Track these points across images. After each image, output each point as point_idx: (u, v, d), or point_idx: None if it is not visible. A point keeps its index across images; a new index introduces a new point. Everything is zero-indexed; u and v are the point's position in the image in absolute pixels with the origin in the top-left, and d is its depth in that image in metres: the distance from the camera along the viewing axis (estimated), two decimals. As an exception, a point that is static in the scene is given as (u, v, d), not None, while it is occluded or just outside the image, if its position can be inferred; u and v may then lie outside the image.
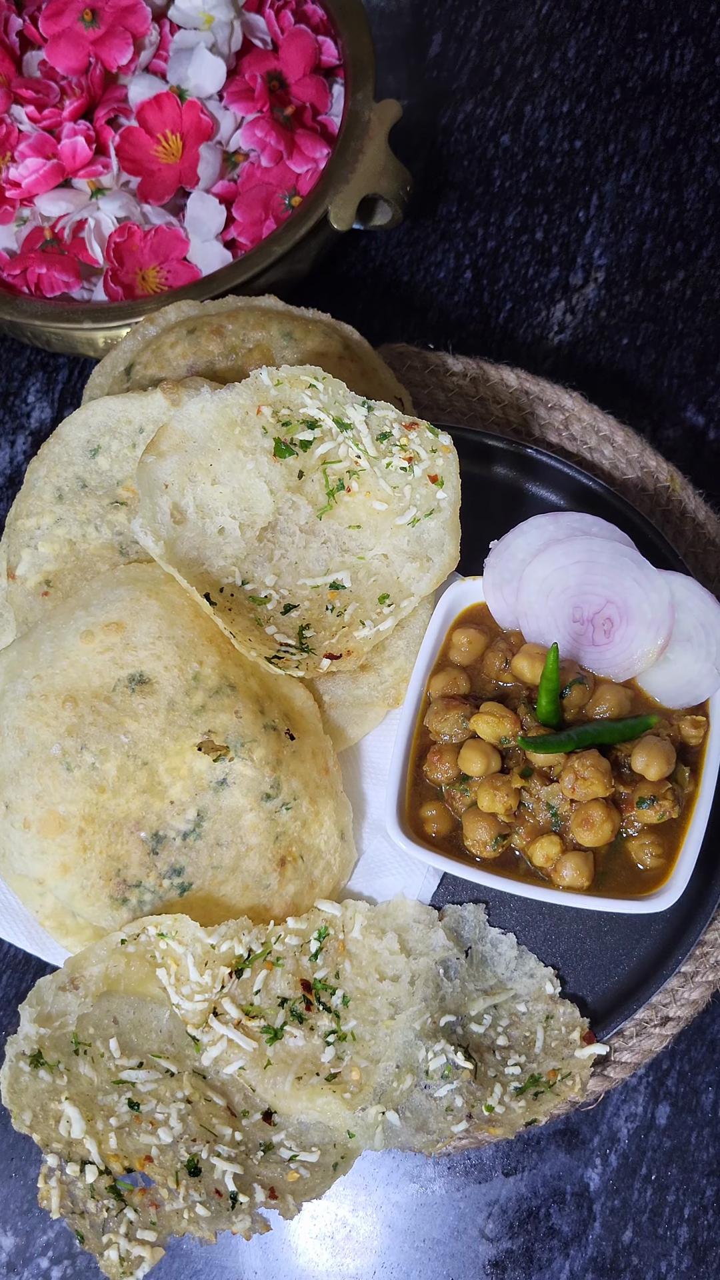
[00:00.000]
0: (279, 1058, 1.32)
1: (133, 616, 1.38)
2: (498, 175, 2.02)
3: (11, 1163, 1.53)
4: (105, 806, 1.34)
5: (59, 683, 1.36)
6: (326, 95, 1.86)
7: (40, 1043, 1.29)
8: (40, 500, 1.49)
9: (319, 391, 1.43)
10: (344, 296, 1.94)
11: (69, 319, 1.71)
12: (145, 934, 1.33)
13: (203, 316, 1.60)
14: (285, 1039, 1.32)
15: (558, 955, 1.45)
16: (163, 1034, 1.33)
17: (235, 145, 1.83)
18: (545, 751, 1.34)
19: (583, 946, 1.45)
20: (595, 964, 1.45)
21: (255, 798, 1.37)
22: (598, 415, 1.71)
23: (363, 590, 1.45)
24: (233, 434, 1.42)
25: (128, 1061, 1.30)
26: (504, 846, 1.39)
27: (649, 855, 1.37)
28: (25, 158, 1.79)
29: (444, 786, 1.42)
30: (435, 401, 1.75)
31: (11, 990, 1.60)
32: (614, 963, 1.44)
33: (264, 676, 1.43)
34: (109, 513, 1.48)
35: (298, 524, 1.46)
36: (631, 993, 1.42)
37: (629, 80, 2.07)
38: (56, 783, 1.34)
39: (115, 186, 1.81)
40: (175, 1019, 1.33)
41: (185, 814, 1.36)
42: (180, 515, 1.41)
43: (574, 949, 1.45)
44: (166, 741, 1.35)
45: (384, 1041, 1.33)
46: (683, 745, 1.41)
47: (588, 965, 1.44)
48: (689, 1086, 1.53)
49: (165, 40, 1.86)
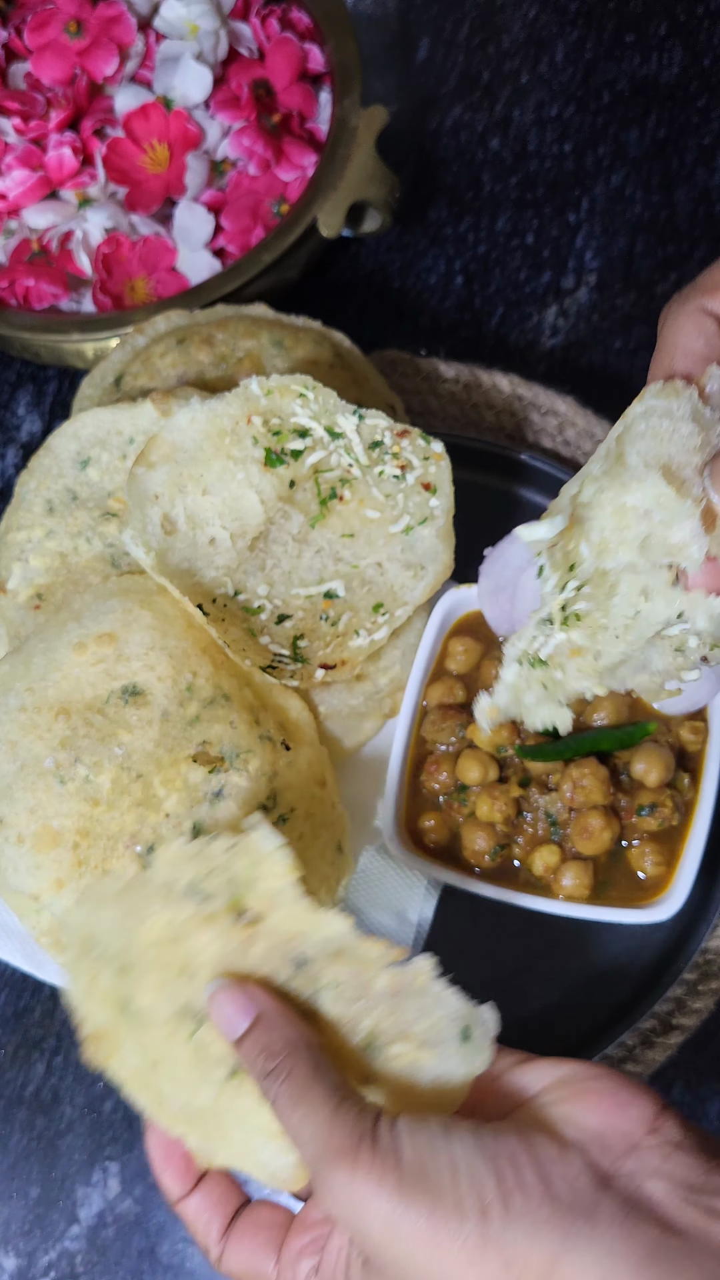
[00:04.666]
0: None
1: (125, 628, 1.37)
2: (487, 179, 2.01)
3: (13, 1183, 1.52)
4: (99, 820, 1.33)
5: (51, 695, 1.35)
6: (313, 102, 1.85)
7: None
8: (30, 513, 1.48)
9: (310, 401, 1.42)
10: (334, 304, 1.93)
11: (57, 331, 1.70)
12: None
13: (192, 326, 1.60)
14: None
15: (559, 966, 1.44)
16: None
17: (222, 154, 1.83)
18: (543, 760, 1.33)
19: (584, 956, 1.44)
20: (597, 974, 1.43)
21: (251, 809, 1.36)
22: (592, 420, 1.70)
23: (357, 599, 1.44)
24: (223, 444, 1.41)
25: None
26: (503, 856, 1.38)
27: (650, 863, 1.36)
28: (11, 169, 1.78)
29: (441, 796, 1.41)
30: (428, 408, 1.74)
31: (9, 1008, 1.58)
32: (616, 972, 1.43)
33: (258, 687, 1.42)
34: (100, 524, 1.47)
35: (290, 533, 1.45)
36: (635, 1002, 1.41)
37: (618, 83, 2.06)
38: (50, 796, 1.33)
39: (102, 197, 1.80)
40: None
41: (181, 827, 1.35)
42: (171, 526, 1.41)
43: (575, 959, 1.44)
44: (160, 753, 1.34)
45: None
46: (682, 751, 1.40)
47: (589, 975, 1.43)
48: (694, 1096, 1.51)
49: (151, 50, 1.85)
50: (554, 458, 1.70)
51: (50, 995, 1.59)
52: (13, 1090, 1.56)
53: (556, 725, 1.18)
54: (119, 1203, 1.52)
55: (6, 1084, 1.56)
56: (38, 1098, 1.55)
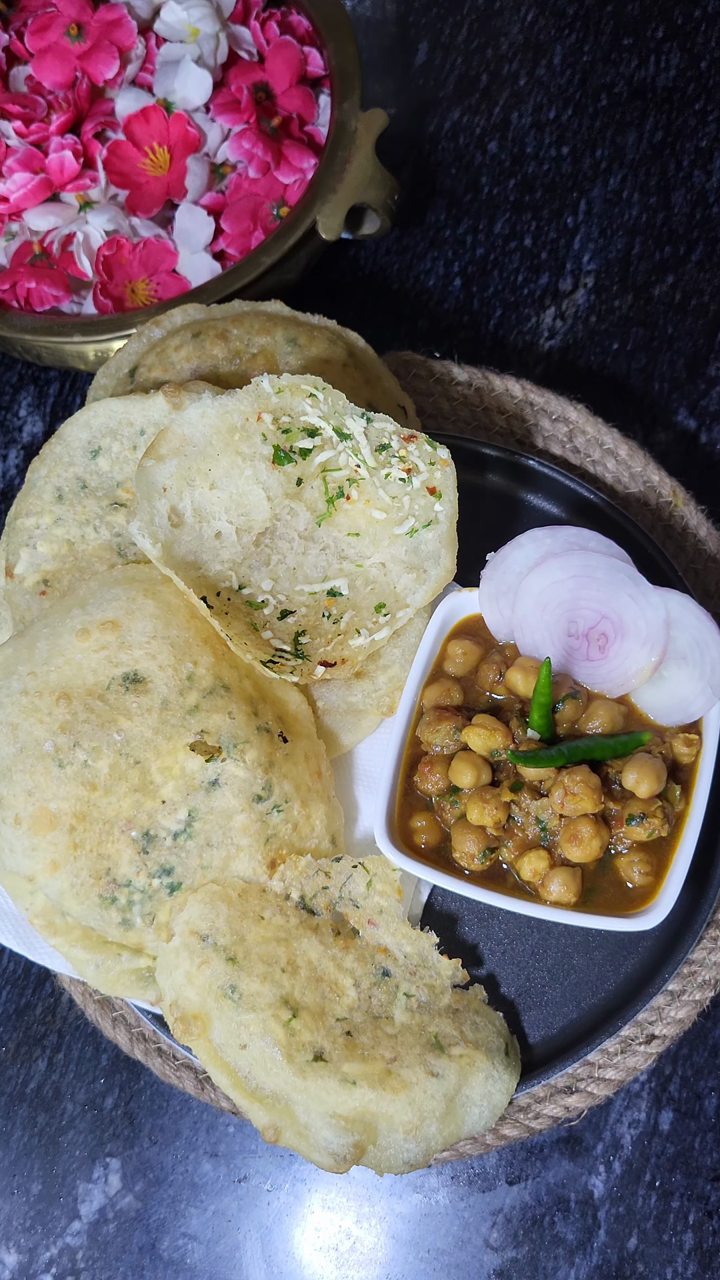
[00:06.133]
0: None
1: (128, 615, 1.38)
2: (485, 182, 2.02)
3: (14, 1179, 1.53)
4: (97, 804, 1.34)
5: (53, 680, 1.36)
6: (313, 105, 1.86)
7: None
8: (40, 500, 1.49)
9: (319, 401, 1.43)
10: (333, 306, 1.94)
11: (59, 333, 1.71)
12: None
13: (208, 320, 1.60)
14: None
15: (544, 970, 1.44)
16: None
17: (223, 157, 1.83)
18: (536, 766, 1.34)
19: (569, 962, 1.44)
20: (582, 979, 1.44)
21: (247, 799, 1.37)
22: (602, 428, 1.70)
23: (360, 598, 1.45)
24: (232, 439, 1.42)
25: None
26: (492, 859, 1.38)
27: (638, 872, 1.36)
28: (13, 172, 1.79)
29: (434, 798, 1.41)
30: (439, 410, 1.75)
31: (11, 1005, 1.60)
32: (600, 979, 1.44)
33: (258, 679, 1.43)
34: (108, 514, 1.49)
35: (296, 530, 1.46)
36: (617, 1009, 1.41)
37: (615, 86, 2.07)
38: (48, 779, 1.34)
39: (103, 200, 1.81)
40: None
41: (176, 814, 1.36)
42: (178, 518, 1.42)
43: (561, 964, 1.44)
44: (159, 741, 1.35)
45: None
46: (674, 763, 1.40)
47: (574, 981, 1.44)
48: (691, 1092, 1.53)
49: (151, 53, 1.86)
50: (563, 465, 1.70)
51: (52, 993, 1.60)
52: (14, 1087, 1.57)
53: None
54: (120, 1199, 1.53)
55: (8, 1081, 1.57)
56: (39, 1094, 1.56)
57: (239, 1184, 1.53)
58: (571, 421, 1.71)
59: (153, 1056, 1.49)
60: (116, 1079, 1.57)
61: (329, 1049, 1.28)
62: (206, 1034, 1.29)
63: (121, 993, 1.36)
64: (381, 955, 1.36)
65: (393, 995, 1.34)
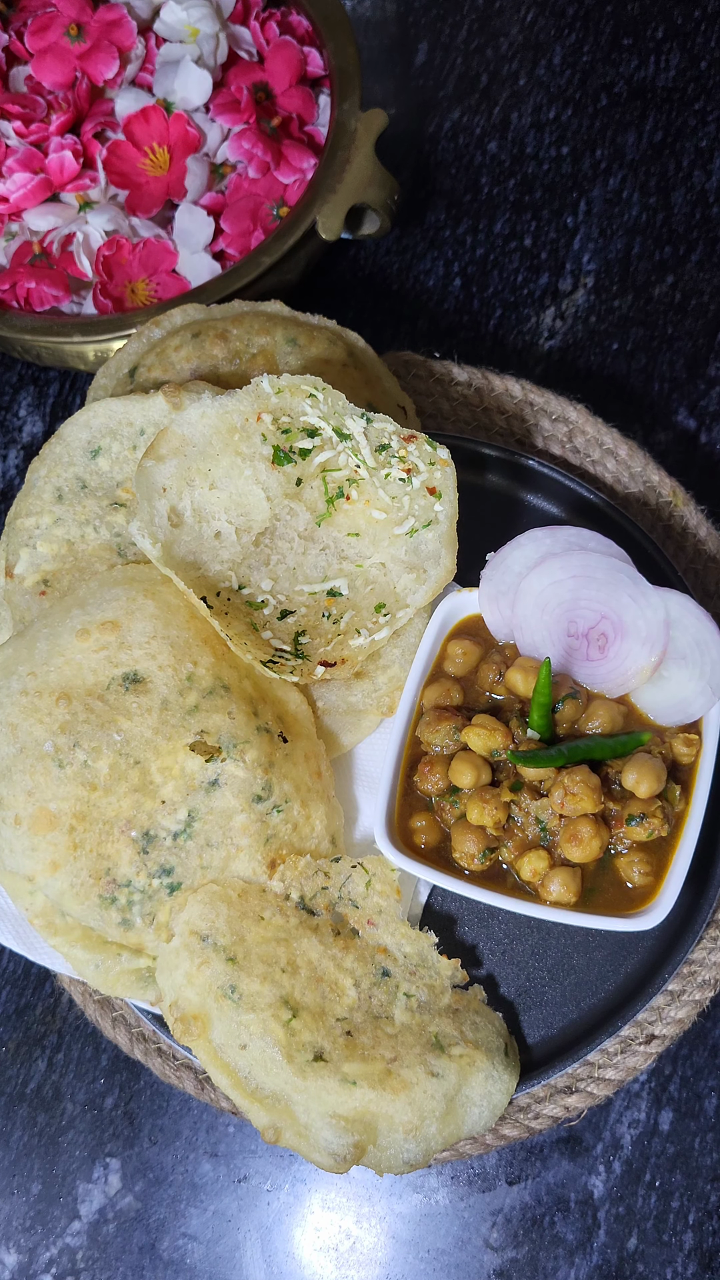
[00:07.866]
0: None
1: (128, 616, 1.38)
2: (485, 182, 2.02)
3: (14, 1179, 1.53)
4: (96, 804, 1.34)
5: (53, 680, 1.36)
6: (313, 105, 1.86)
7: None
8: (40, 500, 1.49)
9: (319, 401, 1.43)
10: (334, 306, 1.94)
11: (59, 333, 1.71)
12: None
13: (208, 320, 1.60)
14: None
15: (544, 970, 1.44)
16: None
17: (222, 157, 1.83)
18: (536, 766, 1.34)
19: (569, 962, 1.44)
20: (581, 979, 1.44)
21: (246, 799, 1.37)
22: (601, 428, 1.70)
23: (360, 598, 1.45)
24: (232, 440, 1.42)
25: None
26: (492, 860, 1.38)
27: (637, 873, 1.36)
28: (13, 173, 1.79)
29: (434, 798, 1.41)
30: (439, 411, 1.75)
31: (11, 1005, 1.60)
32: (600, 979, 1.44)
33: (258, 679, 1.43)
34: (108, 514, 1.49)
35: (296, 530, 1.46)
36: (617, 1009, 1.41)
37: (615, 86, 2.07)
38: (48, 779, 1.34)
39: (103, 200, 1.81)
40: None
41: (176, 814, 1.36)
42: (177, 518, 1.42)
43: (560, 964, 1.44)
44: (159, 741, 1.35)
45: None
46: (674, 763, 1.40)
47: (574, 981, 1.44)
48: (691, 1092, 1.53)
49: (151, 54, 1.86)
50: (563, 465, 1.70)
51: (52, 993, 1.60)
52: (14, 1087, 1.57)
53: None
54: (120, 1199, 1.53)
55: (8, 1081, 1.57)
56: (39, 1094, 1.57)
57: (239, 1184, 1.53)
58: (571, 421, 1.71)
59: (152, 1056, 1.49)
60: (116, 1079, 1.57)
61: (329, 1049, 1.29)
62: (206, 1034, 1.29)
63: (121, 993, 1.36)
64: (381, 955, 1.36)
65: (393, 995, 1.34)
